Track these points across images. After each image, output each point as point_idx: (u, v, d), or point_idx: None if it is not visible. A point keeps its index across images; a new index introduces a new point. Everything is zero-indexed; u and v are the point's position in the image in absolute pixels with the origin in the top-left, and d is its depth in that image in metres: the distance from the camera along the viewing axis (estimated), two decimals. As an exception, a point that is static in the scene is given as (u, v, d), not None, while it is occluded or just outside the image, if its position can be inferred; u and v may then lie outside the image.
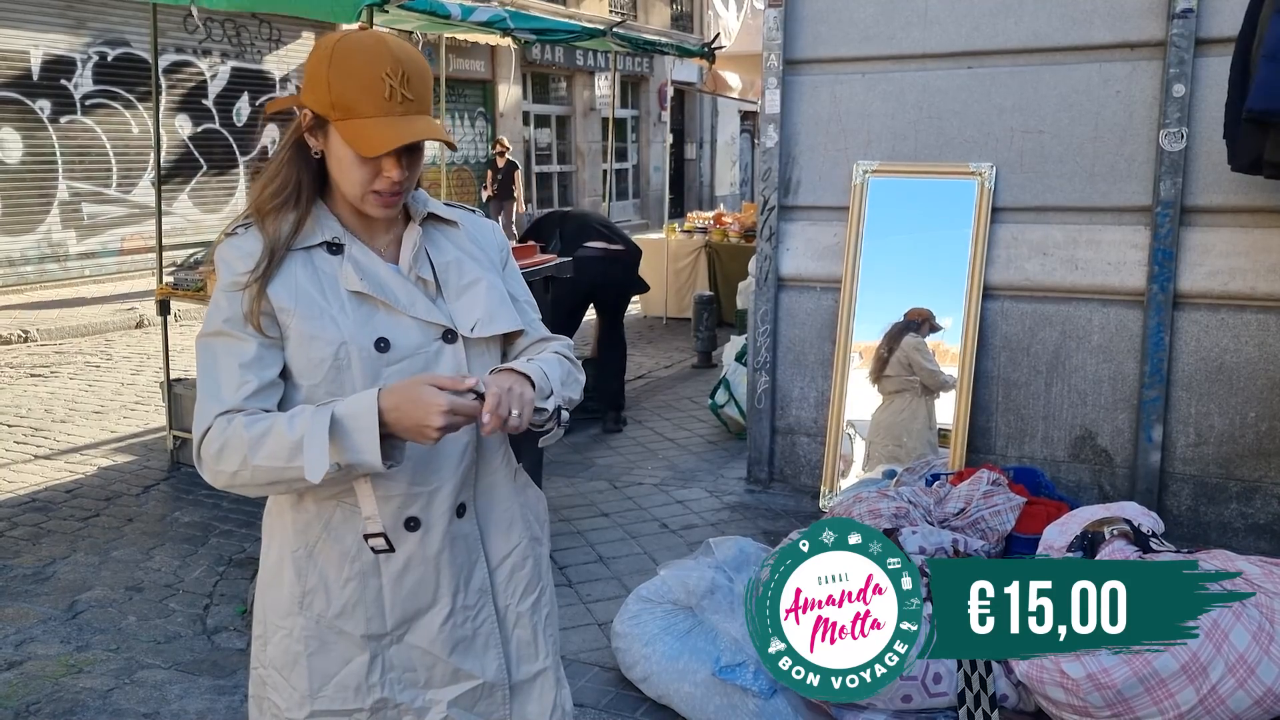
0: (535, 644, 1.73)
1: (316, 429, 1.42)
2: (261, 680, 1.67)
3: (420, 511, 1.58)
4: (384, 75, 1.48)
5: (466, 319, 1.60)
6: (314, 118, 1.53)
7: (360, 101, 1.48)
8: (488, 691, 1.66)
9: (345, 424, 1.43)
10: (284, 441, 1.43)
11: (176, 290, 5.35)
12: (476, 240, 1.71)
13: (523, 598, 1.71)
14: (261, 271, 1.51)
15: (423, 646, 1.62)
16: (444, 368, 1.57)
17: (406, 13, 5.76)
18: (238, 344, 1.51)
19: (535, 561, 1.74)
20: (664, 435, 5.80)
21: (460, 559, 1.62)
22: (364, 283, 1.55)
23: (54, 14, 11.03)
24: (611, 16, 16.77)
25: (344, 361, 1.52)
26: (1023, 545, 3.16)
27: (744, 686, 2.77)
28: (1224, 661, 2.42)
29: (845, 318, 4.42)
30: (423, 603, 1.60)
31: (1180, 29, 3.79)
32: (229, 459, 1.46)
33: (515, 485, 1.73)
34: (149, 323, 9.64)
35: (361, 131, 1.48)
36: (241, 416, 1.47)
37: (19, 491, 4.97)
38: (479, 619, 1.65)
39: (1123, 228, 4.05)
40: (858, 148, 4.43)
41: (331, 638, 1.60)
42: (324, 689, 1.60)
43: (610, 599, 3.61)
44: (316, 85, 1.51)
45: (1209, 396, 3.96)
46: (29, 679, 3.23)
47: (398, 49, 1.51)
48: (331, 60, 1.49)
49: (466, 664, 1.63)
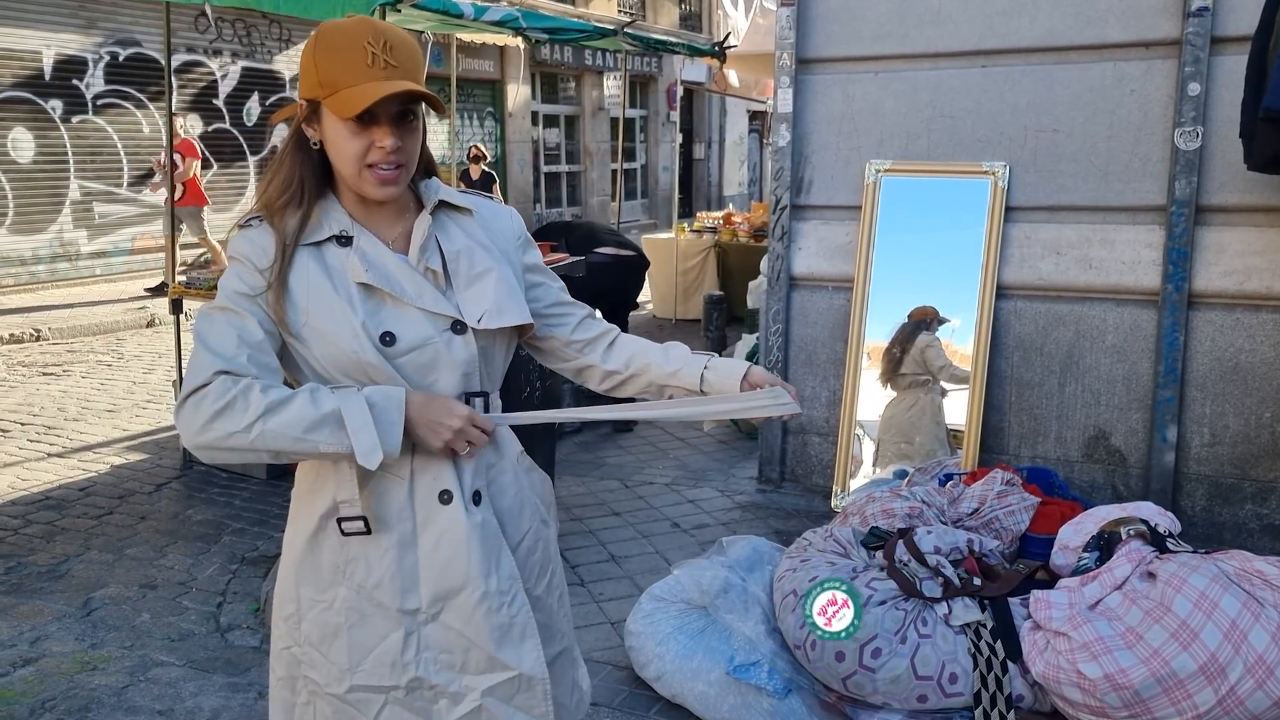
0: (553, 626, 1.74)
1: (357, 411, 1.45)
2: (295, 659, 1.66)
3: (453, 485, 1.59)
4: (365, 44, 1.51)
5: (474, 310, 1.60)
6: (308, 106, 1.56)
7: (344, 73, 1.51)
8: (526, 684, 1.64)
9: (375, 412, 1.47)
10: (306, 413, 1.45)
11: (188, 289, 5.36)
12: (491, 228, 1.71)
13: (538, 581, 1.72)
14: (277, 272, 1.52)
15: (457, 628, 1.61)
16: (455, 359, 1.58)
17: (419, 12, 5.77)
18: (241, 320, 1.52)
19: (545, 544, 1.76)
20: (674, 435, 5.80)
21: (490, 543, 1.62)
22: (370, 274, 1.55)
23: (66, 14, 11.06)
24: (621, 16, 16.76)
25: (357, 356, 1.53)
26: (1037, 545, 3.15)
27: (758, 686, 2.76)
28: (1243, 662, 2.41)
29: (857, 317, 4.41)
30: (455, 581, 1.60)
31: (1195, 27, 3.78)
32: (232, 418, 1.44)
33: (519, 469, 1.73)
34: (160, 321, 9.67)
35: (347, 98, 1.50)
36: (251, 379, 1.47)
37: (33, 490, 4.99)
38: (515, 606, 1.64)
39: (1137, 227, 4.03)
40: (870, 147, 4.42)
41: (370, 609, 1.59)
42: (363, 663, 1.60)
43: (623, 598, 3.61)
44: (306, 73, 1.55)
45: (1224, 397, 3.94)
46: (44, 676, 3.24)
47: (379, 24, 1.54)
48: (316, 44, 1.54)
49: (503, 653, 1.62)
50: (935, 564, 2.86)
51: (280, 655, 1.70)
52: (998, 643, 2.69)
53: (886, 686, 2.67)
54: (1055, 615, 2.64)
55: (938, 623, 2.73)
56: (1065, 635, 2.58)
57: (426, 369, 1.58)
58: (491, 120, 16.81)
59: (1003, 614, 2.75)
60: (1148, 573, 2.68)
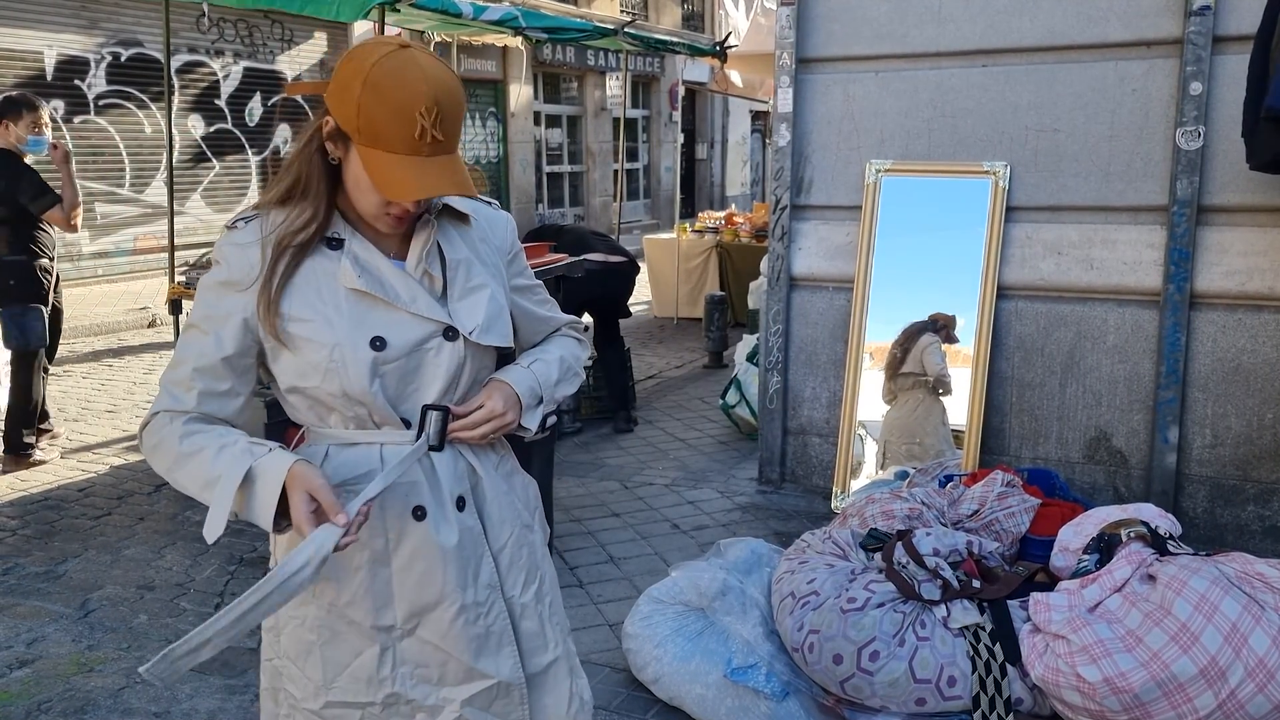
0: (543, 634, 1.71)
1: (225, 486, 1.44)
2: (276, 671, 1.67)
3: (427, 500, 1.57)
4: (418, 114, 1.42)
5: (468, 321, 1.58)
6: (337, 129, 1.50)
7: (389, 135, 1.43)
8: (504, 691, 1.65)
9: (254, 484, 1.45)
10: (203, 472, 1.47)
11: (188, 289, 5.36)
12: (488, 239, 1.69)
13: (524, 589, 1.69)
14: (265, 277, 1.50)
15: (434, 642, 1.60)
16: (444, 366, 1.57)
17: (418, 11, 5.75)
18: (203, 342, 1.53)
19: (530, 550, 1.72)
20: (675, 435, 5.78)
21: (467, 552, 1.61)
22: (361, 279, 1.53)
23: (68, 14, 11.07)
24: (622, 16, 16.76)
25: (338, 364, 1.51)
26: (1037, 547, 3.14)
27: (756, 689, 2.75)
28: (1243, 666, 2.39)
29: (858, 318, 4.40)
30: (430, 596, 1.59)
31: (1197, 26, 3.76)
32: (159, 459, 1.53)
33: (500, 474, 1.70)
34: (161, 321, 9.67)
35: (386, 169, 1.44)
36: (181, 423, 1.50)
37: (31, 490, 4.99)
38: (491, 616, 1.63)
39: (1139, 227, 4.02)
40: (871, 146, 4.41)
41: (342, 627, 1.59)
42: (337, 679, 1.60)
43: (621, 600, 3.60)
44: (346, 101, 1.45)
45: (1226, 397, 3.93)
46: (40, 677, 3.23)
47: (436, 83, 1.44)
48: (366, 82, 1.43)
49: (481, 663, 1.62)
50: (934, 566, 2.85)
51: (265, 666, 1.71)
52: (997, 645, 2.68)
53: (884, 689, 2.66)
54: (1055, 618, 2.63)
55: (936, 625, 2.71)
56: (1064, 638, 2.56)
57: (411, 376, 1.56)
58: (494, 120, 16.80)
59: (1002, 616, 2.74)
60: (1148, 575, 2.66)
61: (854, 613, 2.74)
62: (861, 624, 2.70)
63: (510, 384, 1.64)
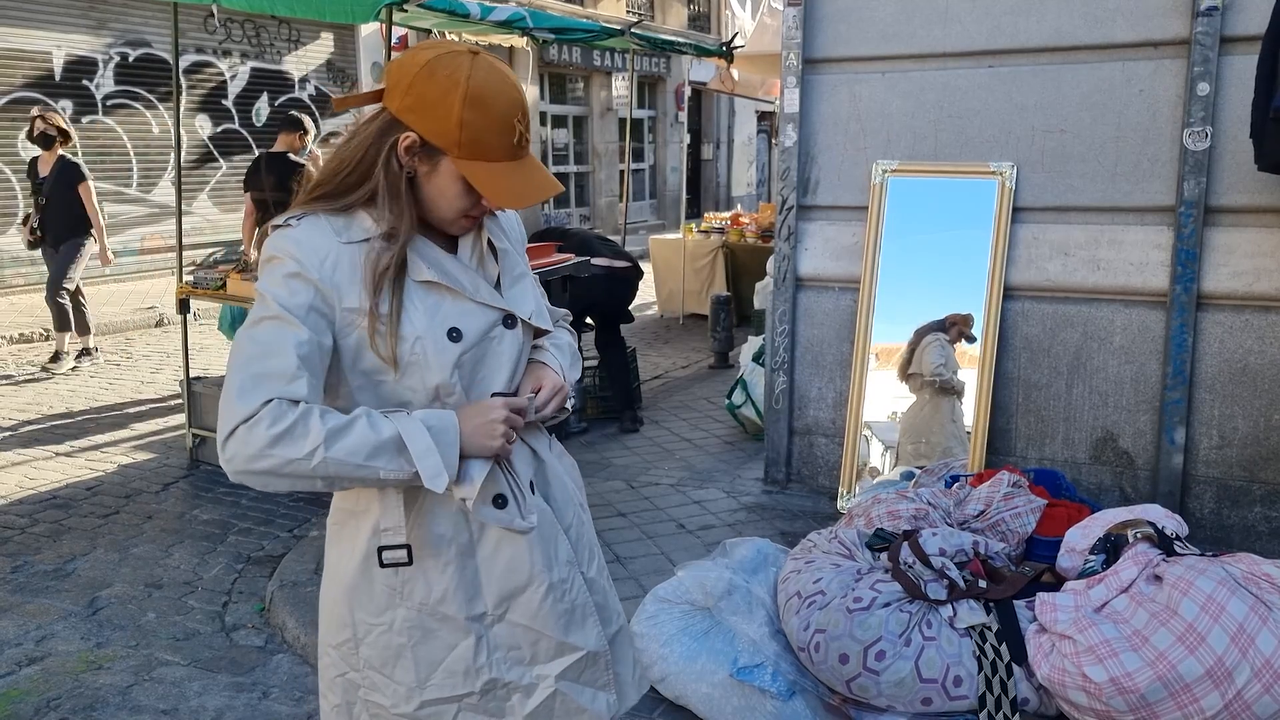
0: (609, 605, 1.77)
1: (419, 435, 1.44)
2: (352, 684, 1.65)
3: (504, 488, 1.58)
4: (515, 121, 1.50)
5: (524, 308, 1.63)
6: (422, 143, 1.50)
7: (492, 146, 1.49)
8: (592, 660, 1.69)
9: (434, 434, 1.46)
10: (367, 438, 1.42)
11: (196, 289, 5.38)
12: (509, 230, 1.74)
13: (588, 563, 1.74)
14: (330, 270, 1.48)
15: (525, 623, 1.63)
16: (507, 353, 1.60)
17: (425, 11, 5.76)
18: (294, 331, 1.44)
19: (588, 527, 1.78)
20: (681, 436, 5.79)
21: (547, 533, 1.64)
22: (431, 271, 1.54)
23: (76, 15, 11.11)
24: (629, 17, 16.76)
25: (420, 356, 1.51)
26: (1044, 547, 3.13)
27: (762, 688, 2.75)
28: (1250, 666, 2.39)
29: (864, 318, 4.40)
30: (519, 580, 1.61)
31: (1205, 27, 3.75)
32: (292, 445, 1.38)
33: (554, 454, 1.76)
34: (169, 321, 9.70)
35: (492, 179, 1.49)
36: (304, 407, 1.41)
37: (40, 489, 5.01)
38: (574, 591, 1.67)
39: (1145, 228, 4.01)
40: (877, 147, 4.41)
41: (434, 625, 1.59)
42: (431, 678, 1.60)
43: (627, 599, 3.60)
44: (441, 118, 1.47)
45: (1232, 398, 3.92)
46: (49, 675, 3.25)
47: (517, 87, 1.53)
48: (467, 98, 1.46)
49: (571, 637, 1.66)
50: (940, 566, 2.85)
51: (334, 683, 1.67)
52: (1003, 645, 2.68)
53: (890, 689, 2.66)
54: (1061, 618, 2.63)
55: (942, 625, 2.72)
56: (1071, 638, 2.56)
57: (479, 365, 1.57)
58: (500, 120, 16.80)
59: (1008, 616, 2.74)
60: (1154, 575, 2.66)
61: (860, 612, 2.74)
62: (867, 624, 2.71)
63: (547, 364, 1.68)
